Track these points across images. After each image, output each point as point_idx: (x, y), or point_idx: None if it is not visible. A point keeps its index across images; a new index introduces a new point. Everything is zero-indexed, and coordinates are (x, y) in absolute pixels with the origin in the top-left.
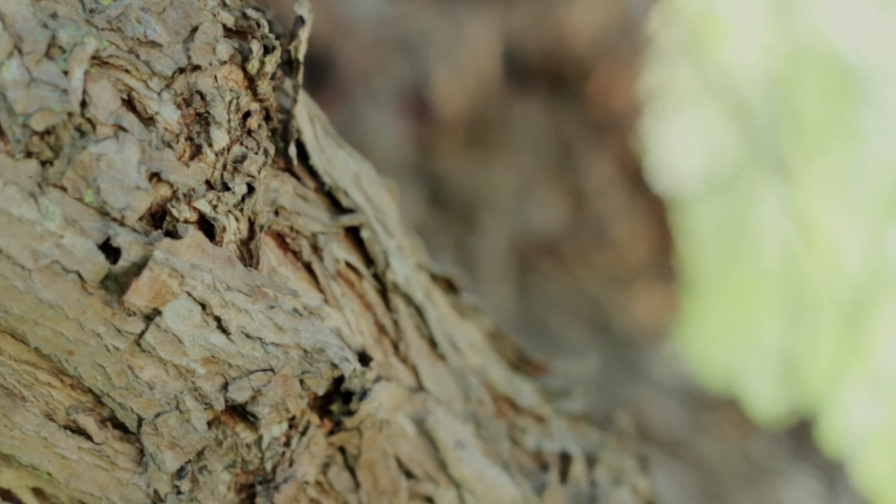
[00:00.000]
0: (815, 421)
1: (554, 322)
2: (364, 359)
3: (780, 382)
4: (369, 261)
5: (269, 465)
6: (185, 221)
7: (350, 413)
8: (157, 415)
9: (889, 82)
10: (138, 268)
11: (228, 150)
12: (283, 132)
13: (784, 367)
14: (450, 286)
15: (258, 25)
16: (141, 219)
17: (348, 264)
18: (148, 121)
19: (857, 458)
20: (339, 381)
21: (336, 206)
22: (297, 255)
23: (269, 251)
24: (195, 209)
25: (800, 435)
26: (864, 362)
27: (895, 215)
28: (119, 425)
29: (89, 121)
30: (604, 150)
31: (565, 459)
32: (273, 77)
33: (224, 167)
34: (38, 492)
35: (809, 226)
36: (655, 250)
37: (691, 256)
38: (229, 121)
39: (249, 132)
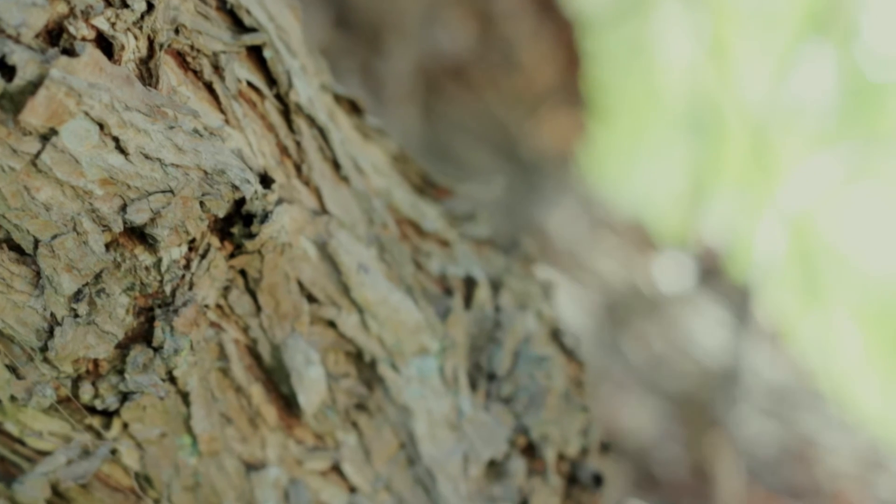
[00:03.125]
0: (720, 247)
1: (460, 146)
2: (265, 181)
3: (684, 205)
4: (272, 81)
5: (168, 289)
6: (83, 39)
7: (251, 236)
8: (54, 237)
9: None
10: (34, 86)
11: None
12: None
13: (689, 189)
14: (354, 108)
15: None
16: (37, 36)
17: (250, 84)
18: None
19: (763, 285)
20: (240, 203)
21: (238, 24)
22: (197, 74)
23: (168, 70)
24: (93, 26)
25: (705, 260)
26: (770, 187)
27: (803, 39)
28: (15, 247)
29: None
30: None
31: (470, 284)
32: None
33: None
34: None
35: (717, 49)
36: (563, 74)
37: (598, 80)
38: None
39: None
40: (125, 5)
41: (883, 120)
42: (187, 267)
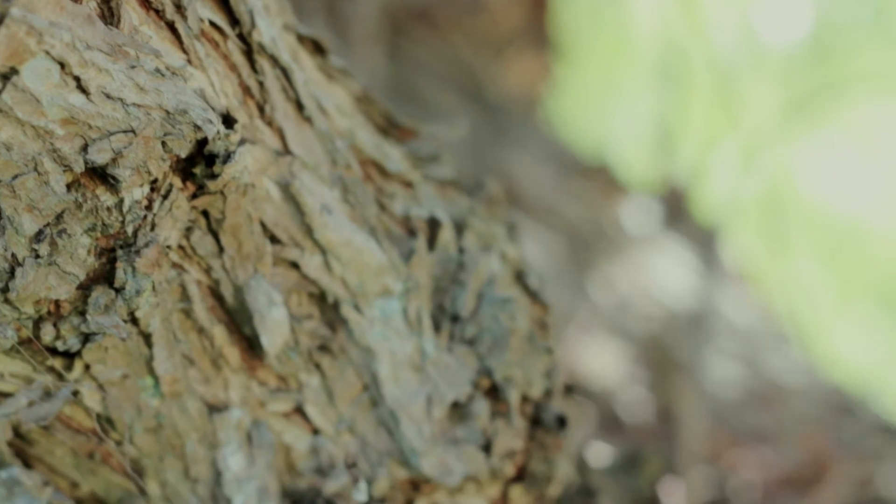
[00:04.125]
0: (686, 190)
1: (425, 87)
2: (228, 121)
3: (651, 150)
4: (234, 21)
5: (130, 229)
6: None
7: (213, 176)
8: (15, 177)
9: None
10: None
11: None
12: None
13: (656, 134)
14: (317, 48)
15: None
16: None
17: (213, 24)
18: None
19: (729, 227)
20: (202, 143)
21: None
22: (159, 13)
23: (130, 10)
24: None
25: (671, 204)
26: (736, 130)
27: None
28: None
29: None
30: None
31: (433, 225)
32: None
33: None
34: None
35: None
36: (529, 16)
37: (566, 23)
38: None
39: None
40: None
41: (850, 65)
42: (149, 207)
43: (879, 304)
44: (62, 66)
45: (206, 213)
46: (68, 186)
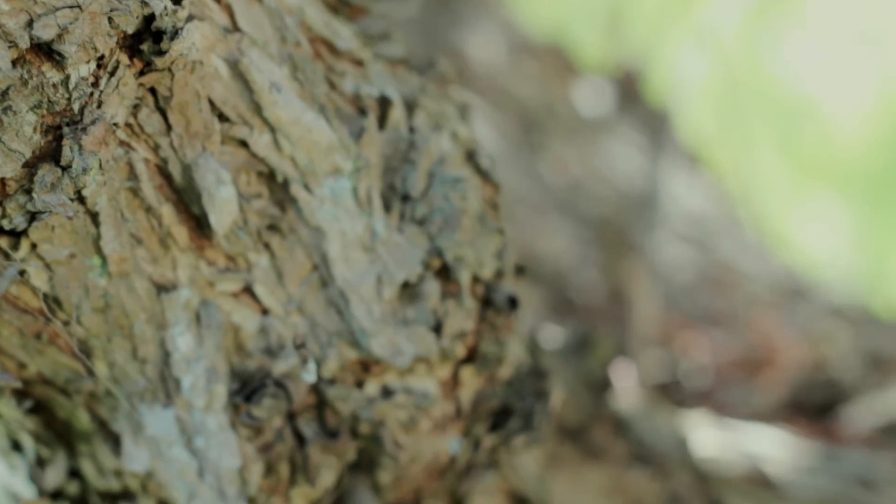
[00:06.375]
0: (639, 72)
1: None
2: None
3: (605, 30)
4: None
5: (76, 107)
6: None
7: (161, 53)
8: None
9: None
10: None
11: None
12: None
13: (609, 14)
14: None
15: None
16: None
17: None
18: None
19: (681, 110)
20: (149, 19)
21: None
22: None
23: None
24: None
25: (624, 86)
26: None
27: None
28: None
29: None
30: None
31: (384, 104)
32: None
33: None
34: None
35: None
36: None
37: None
38: None
39: None
40: None
41: None
42: (95, 84)
43: (835, 188)
44: None
45: (153, 91)
46: (13, 63)
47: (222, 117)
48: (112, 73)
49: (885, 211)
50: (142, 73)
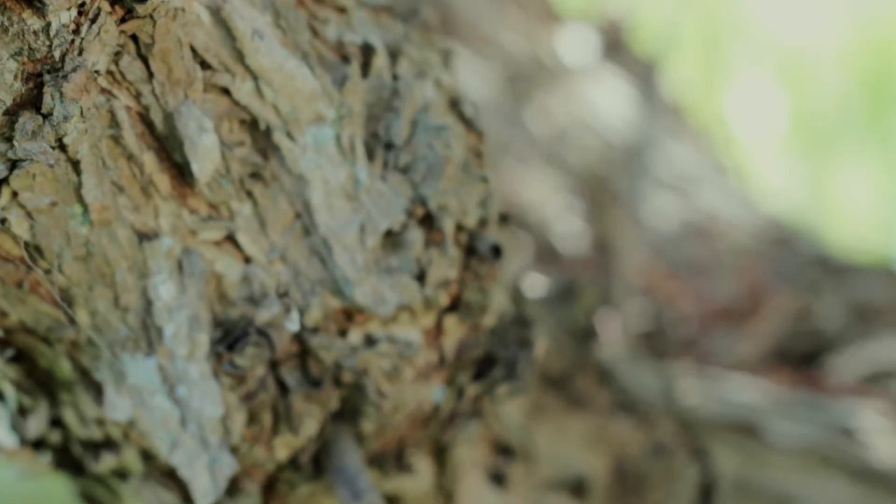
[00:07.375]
0: (624, 20)
1: None
2: None
3: None
4: None
5: (57, 54)
6: None
7: (142, 0)
8: None
9: None
10: None
11: None
12: None
13: None
14: None
15: None
16: None
17: None
18: None
19: (667, 58)
20: None
21: None
22: None
23: None
24: None
25: (609, 34)
26: None
27: None
28: None
29: None
30: None
31: (367, 52)
32: None
33: None
34: None
35: None
36: None
37: None
38: None
39: None
40: None
41: None
42: (77, 31)
43: (820, 136)
44: None
45: (135, 38)
46: None
47: (204, 65)
48: (93, 21)
49: (853, 150)
50: (123, 21)
